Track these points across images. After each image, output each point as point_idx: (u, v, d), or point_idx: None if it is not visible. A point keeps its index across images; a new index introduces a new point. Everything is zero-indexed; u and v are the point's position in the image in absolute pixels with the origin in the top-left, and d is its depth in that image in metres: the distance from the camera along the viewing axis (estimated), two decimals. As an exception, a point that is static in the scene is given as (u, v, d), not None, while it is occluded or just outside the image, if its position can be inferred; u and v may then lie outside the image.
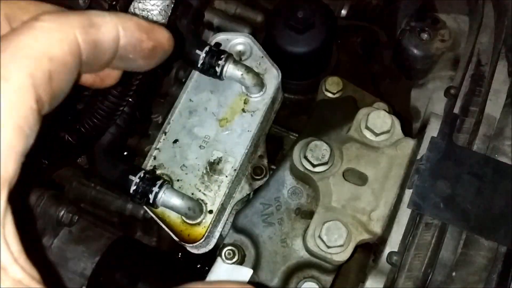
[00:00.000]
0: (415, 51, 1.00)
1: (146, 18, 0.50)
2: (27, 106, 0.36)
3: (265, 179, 0.99)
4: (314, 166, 0.90)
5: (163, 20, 0.89)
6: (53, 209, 1.02)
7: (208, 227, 0.90)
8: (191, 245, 0.91)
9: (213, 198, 0.92)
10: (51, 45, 0.38)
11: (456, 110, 0.83)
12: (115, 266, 1.00)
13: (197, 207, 0.89)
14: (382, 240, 0.85)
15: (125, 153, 1.07)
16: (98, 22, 0.41)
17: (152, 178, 0.89)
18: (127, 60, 0.46)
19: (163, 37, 0.47)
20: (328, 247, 0.85)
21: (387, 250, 0.79)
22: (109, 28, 0.42)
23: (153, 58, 0.47)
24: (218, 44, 1.00)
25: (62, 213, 1.03)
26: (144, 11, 0.86)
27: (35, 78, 0.37)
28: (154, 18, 0.87)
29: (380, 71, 1.41)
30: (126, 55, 0.45)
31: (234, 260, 0.90)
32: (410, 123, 1.06)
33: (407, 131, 1.01)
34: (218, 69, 0.94)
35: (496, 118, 0.83)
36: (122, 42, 0.43)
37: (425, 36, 0.99)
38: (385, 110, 0.94)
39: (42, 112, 0.38)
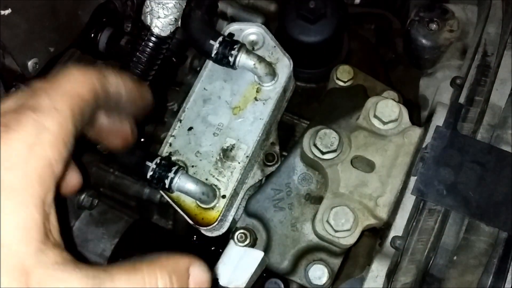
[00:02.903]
0: (424, 41, 1.01)
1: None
2: (69, 130, 0.48)
3: (276, 165, 1.02)
4: (323, 153, 0.93)
5: (178, 13, 0.92)
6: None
7: (221, 211, 0.94)
8: (205, 228, 0.95)
9: (226, 183, 0.96)
10: (81, 89, 0.51)
11: (462, 99, 0.85)
12: (133, 247, 1.04)
13: (211, 192, 0.93)
14: (388, 225, 0.88)
15: (142, 140, 1.11)
16: (107, 75, 0.56)
17: (168, 164, 0.93)
18: (125, 107, 0.61)
19: (148, 97, 0.68)
20: (336, 231, 0.88)
21: (391, 235, 0.82)
22: (115, 82, 0.57)
23: (139, 110, 0.66)
24: (231, 34, 1.03)
25: (83, 197, 1.08)
26: (159, 4, 0.90)
27: (73, 110, 0.49)
28: (169, 11, 0.90)
29: (393, 58, 1.42)
30: (125, 105, 0.61)
31: (246, 243, 0.94)
32: (419, 112, 1.08)
33: (417, 119, 1.03)
34: (231, 59, 0.97)
35: (501, 108, 0.84)
36: (125, 97, 0.59)
37: (433, 26, 1.01)
38: (394, 99, 0.97)
39: (76, 137, 0.49)
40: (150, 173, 0.92)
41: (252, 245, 0.95)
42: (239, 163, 0.97)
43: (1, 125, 0.45)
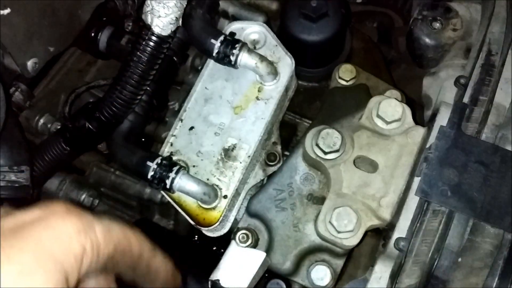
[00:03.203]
0: (427, 40, 1.00)
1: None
2: (107, 251, 0.52)
3: (278, 165, 1.01)
4: (325, 153, 0.92)
5: (179, 12, 0.91)
6: (74, 193, 1.06)
7: (223, 212, 0.94)
8: (206, 228, 0.95)
9: (227, 183, 0.95)
10: (132, 242, 0.56)
11: (466, 99, 0.84)
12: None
13: (212, 192, 0.93)
14: (391, 226, 0.87)
15: (143, 140, 1.10)
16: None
17: (169, 164, 0.92)
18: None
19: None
20: (338, 232, 0.88)
21: (395, 236, 0.81)
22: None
23: None
24: (232, 33, 1.02)
25: (83, 197, 1.08)
26: (160, 3, 0.89)
27: (116, 246, 0.53)
28: (170, 10, 0.89)
29: (396, 57, 1.41)
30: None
31: (248, 243, 0.93)
32: (422, 111, 1.07)
33: (420, 118, 1.02)
34: (232, 58, 0.96)
35: (506, 107, 0.84)
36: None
37: (437, 25, 1.00)
38: (397, 99, 0.96)
39: (104, 260, 0.53)
40: (151, 173, 0.91)
41: (254, 245, 0.94)
42: (240, 163, 0.96)
43: (64, 207, 0.51)
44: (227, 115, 1.00)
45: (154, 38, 0.90)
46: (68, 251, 0.49)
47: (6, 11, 0.77)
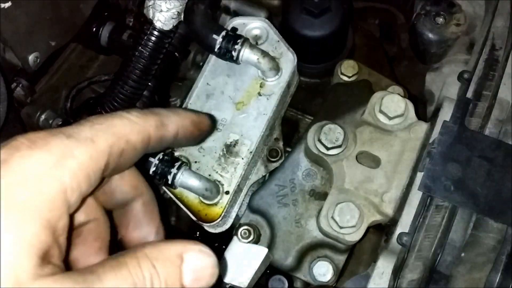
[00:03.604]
0: (430, 35, 1.00)
1: (196, 112, 0.64)
2: (99, 165, 0.48)
3: (280, 161, 1.01)
4: (328, 149, 0.92)
5: (181, 6, 0.91)
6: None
7: (224, 207, 0.93)
8: (208, 224, 0.94)
9: (229, 179, 0.95)
10: (131, 133, 0.51)
11: (469, 94, 0.83)
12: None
13: (214, 188, 0.92)
14: (393, 221, 0.87)
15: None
16: (166, 122, 0.56)
17: (171, 160, 0.92)
18: (178, 143, 0.60)
19: (207, 125, 0.64)
20: (341, 227, 0.87)
21: (398, 231, 0.81)
22: (173, 127, 0.57)
23: (196, 139, 0.63)
24: (234, 29, 1.02)
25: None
26: (162, -3, 0.88)
27: (112, 148, 0.49)
28: (172, 5, 0.89)
29: (398, 53, 1.41)
30: (179, 141, 0.59)
31: (250, 239, 0.93)
32: (426, 106, 1.07)
33: (422, 114, 1.02)
34: (234, 54, 0.96)
35: (509, 102, 0.83)
36: (180, 135, 0.58)
37: (440, 20, 0.99)
38: (400, 94, 0.95)
39: (103, 174, 0.49)
40: (152, 169, 0.91)
41: (256, 241, 0.94)
42: (242, 158, 0.96)
43: (28, 140, 0.44)
44: (229, 111, 0.99)
45: (156, 32, 0.90)
46: (39, 194, 0.43)
47: (7, 4, 0.77)
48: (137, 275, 0.46)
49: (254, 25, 1.03)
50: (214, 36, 0.95)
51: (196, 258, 0.49)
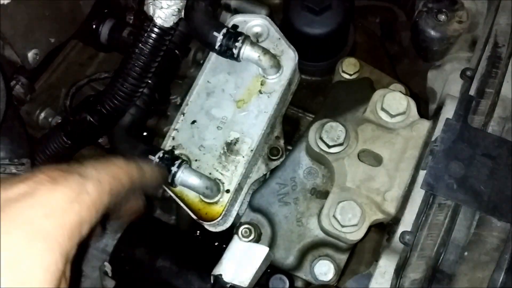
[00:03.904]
0: (432, 32, 0.99)
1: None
2: (103, 202, 0.54)
3: (281, 159, 1.00)
4: (329, 147, 0.91)
5: (181, 3, 0.91)
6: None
7: (225, 206, 0.93)
8: (208, 223, 0.94)
9: (230, 177, 0.94)
10: (123, 175, 0.59)
11: (472, 92, 0.83)
12: (135, 243, 1.03)
13: (214, 186, 0.92)
14: (395, 220, 0.86)
15: (145, 134, 1.09)
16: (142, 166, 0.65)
17: (171, 158, 0.91)
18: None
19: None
20: (342, 226, 0.87)
21: (400, 230, 0.80)
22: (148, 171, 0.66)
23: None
24: (235, 26, 1.01)
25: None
26: (163, -6, 0.88)
27: (112, 188, 0.55)
28: (172, 2, 0.88)
29: (399, 51, 1.40)
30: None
31: (251, 238, 0.92)
32: (427, 104, 1.06)
33: (423, 112, 1.01)
34: (235, 51, 0.95)
35: (512, 100, 0.83)
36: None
37: (442, 17, 0.98)
38: (402, 92, 0.95)
39: (104, 211, 0.54)
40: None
41: (257, 240, 0.93)
42: (243, 157, 0.95)
43: (49, 176, 0.49)
44: (229, 109, 0.99)
45: (156, 29, 0.89)
46: (62, 225, 0.47)
47: (7, 1, 0.76)
48: None
49: (255, 22, 1.03)
50: (215, 33, 0.95)
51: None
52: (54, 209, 0.47)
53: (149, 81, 0.97)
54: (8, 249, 0.44)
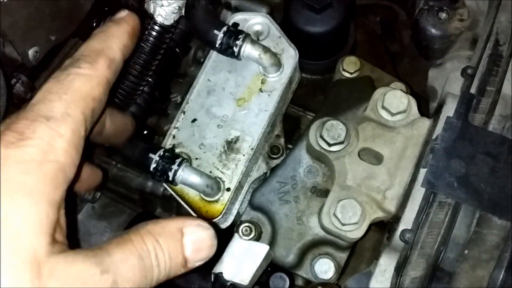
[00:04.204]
0: (433, 30, 0.99)
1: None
2: (81, 134, 0.52)
3: (281, 158, 1.00)
4: (330, 145, 0.91)
5: (182, 1, 0.90)
6: (76, 186, 1.05)
7: (225, 204, 0.93)
8: (209, 221, 0.93)
9: (230, 176, 0.94)
10: (92, 89, 0.54)
11: (473, 90, 0.83)
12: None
13: (215, 184, 0.92)
14: (396, 218, 0.86)
15: (145, 132, 1.09)
16: (111, 47, 0.59)
17: (172, 157, 0.91)
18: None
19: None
20: (343, 224, 0.87)
21: (400, 228, 0.80)
22: (117, 45, 0.60)
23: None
24: (236, 24, 1.01)
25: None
26: (163, -8, 0.88)
27: (85, 113, 0.52)
28: (173, -1, 0.88)
29: (399, 50, 1.40)
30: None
31: (251, 236, 0.92)
32: (428, 103, 1.06)
33: (424, 110, 1.01)
34: (235, 49, 0.95)
35: (513, 98, 0.83)
36: (125, 52, 0.62)
37: (443, 15, 0.98)
38: (402, 90, 0.95)
39: (85, 138, 0.53)
40: (153, 166, 0.90)
41: (257, 238, 0.93)
42: (243, 155, 0.95)
43: (16, 132, 0.48)
44: (230, 107, 0.99)
45: (156, 27, 0.89)
46: (43, 176, 0.47)
47: (7, -2, 0.76)
48: (142, 249, 0.50)
49: (255, 20, 1.02)
50: (215, 31, 0.95)
51: (195, 231, 0.55)
52: (29, 163, 0.47)
53: (150, 80, 0.96)
54: None
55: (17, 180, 0.46)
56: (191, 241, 0.54)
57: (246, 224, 0.93)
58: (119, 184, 1.12)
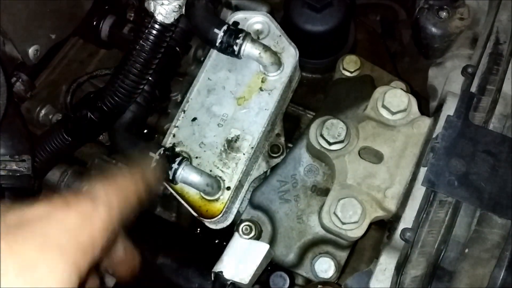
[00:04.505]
0: (433, 29, 0.99)
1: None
2: (114, 223, 0.54)
3: (282, 157, 1.00)
4: (330, 144, 0.91)
5: (182, 0, 0.90)
6: (76, 184, 1.05)
7: (226, 203, 0.93)
8: (209, 220, 0.94)
9: (230, 175, 0.94)
10: (132, 192, 0.59)
11: (473, 89, 0.83)
12: (136, 240, 1.02)
13: (215, 183, 0.92)
14: (396, 217, 0.86)
15: (145, 131, 1.09)
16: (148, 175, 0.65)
17: (172, 155, 0.91)
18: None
19: None
20: (343, 223, 0.86)
21: (401, 227, 0.80)
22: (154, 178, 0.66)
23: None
24: (236, 23, 1.01)
25: (84, 188, 1.06)
26: (163, -9, 0.87)
27: (121, 208, 0.56)
28: (173, -3, 0.88)
29: (399, 49, 1.40)
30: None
31: (251, 235, 0.92)
32: (428, 102, 1.06)
33: (424, 109, 1.01)
34: (236, 48, 0.95)
35: (514, 97, 0.82)
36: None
37: (443, 14, 0.98)
38: (402, 89, 0.95)
39: (113, 233, 0.55)
40: (153, 165, 0.90)
41: (257, 237, 0.93)
42: (244, 154, 0.95)
43: (63, 200, 0.51)
44: (230, 106, 0.98)
45: (157, 26, 0.89)
46: (76, 242, 0.49)
47: (7, -3, 0.76)
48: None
49: (255, 19, 1.02)
50: (216, 30, 0.95)
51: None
52: (69, 227, 0.50)
53: (150, 78, 0.96)
54: (20, 255, 0.45)
55: (54, 237, 0.48)
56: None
57: (246, 223, 0.93)
58: (119, 183, 1.12)
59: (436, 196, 0.78)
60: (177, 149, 0.96)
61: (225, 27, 0.95)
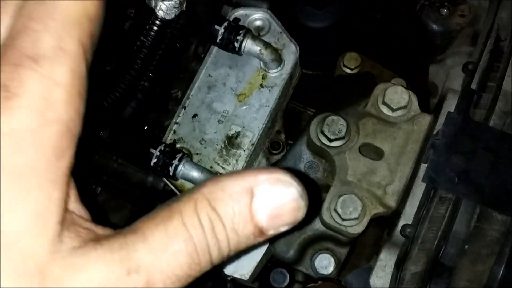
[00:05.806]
0: (434, 26, 0.99)
1: None
2: (82, 73, 0.37)
3: (282, 153, 1.00)
4: (330, 140, 0.91)
5: (183, -4, 0.90)
6: (76, 180, 1.05)
7: (226, 200, 0.92)
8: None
9: (231, 171, 0.94)
10: (87, 4, 0.38)
11: (474, 85, 0.83)
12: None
13: (215, 180, 0.91)
14: (396, 213, 0.86)
15: (146, 127, 1.09)
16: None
17: (172, 152, 0.91)
18: None
19: None
20: (343, 219, 0.87)
21: (401, 223, 0.80)
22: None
23: None
24: (236, 20, 1.01)
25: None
26: (164, -13, 0.87)
27: (84, 44, 0.37)
28: (174, -6, 0.88)
29: (400, 46, 1.40)
30: None
31: (251, 231, 0.92)
32: (428, 99, 1.06)
33: (425, 106, 1.01)
34: (236, 45, 0.95)
35: (514, 94, 0.83)
36: None
37: (444, 11, 0.98)
38: (403, 86, 0.95)
39: (87, 74, 0.38)
40: (154, 161, 0.90)
41: (258, 234, 0.93)
42: (244, 150, 0.95)
43: (0, 88, 0.34)
44: (230, 103, 0.98)
45: (157, 22, 0.89)
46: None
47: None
48: (193, 225, 0.36)
49: (256, 16, 1.02)
50: (216, 26, 0.95)
51: (271, 190, 0.37)
52: (22, 137, 0.34)
53: (150, 74, 0.96)
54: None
55: (8, 164, 0.34)
56: (266, 204, 0.37)
57: (247, 219, 0.93)
58: (120, 180, 1.12)
59: (436, 193, 0.78)
60: (178, 146, 0.96)
61: (225, 24, 0.95)
